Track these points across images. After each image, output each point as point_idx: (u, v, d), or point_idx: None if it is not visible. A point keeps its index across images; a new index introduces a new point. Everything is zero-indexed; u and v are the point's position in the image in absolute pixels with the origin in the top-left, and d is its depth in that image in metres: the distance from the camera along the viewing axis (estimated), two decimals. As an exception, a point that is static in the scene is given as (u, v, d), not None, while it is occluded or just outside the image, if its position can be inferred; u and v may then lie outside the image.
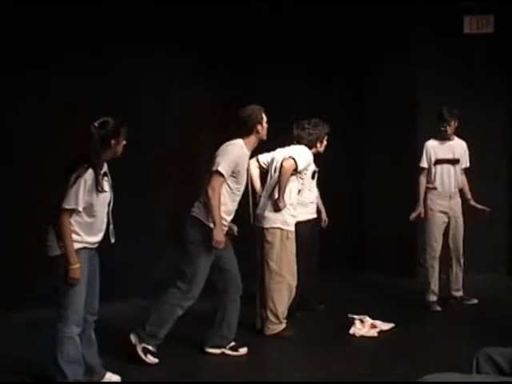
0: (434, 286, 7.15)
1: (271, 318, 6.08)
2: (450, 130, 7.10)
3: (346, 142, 9.18)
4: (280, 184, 5.99)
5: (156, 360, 5.37)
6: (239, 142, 5.51)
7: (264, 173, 6.45)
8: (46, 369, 4.83)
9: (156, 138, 7.72)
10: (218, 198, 5.28)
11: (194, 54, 8.04)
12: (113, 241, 4.68)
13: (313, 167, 6.77)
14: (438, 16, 8.48)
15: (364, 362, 5.49)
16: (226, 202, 5.41)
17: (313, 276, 6.85)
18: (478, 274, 7.78)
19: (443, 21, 8.48)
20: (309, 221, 6.74)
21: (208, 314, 5.74)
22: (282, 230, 6.05)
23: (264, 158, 6.43)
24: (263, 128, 5.57)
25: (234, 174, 5.39)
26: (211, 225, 5.32)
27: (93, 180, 4.46)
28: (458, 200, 7.22)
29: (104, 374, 4.92)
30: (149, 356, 5.36)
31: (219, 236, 5.28)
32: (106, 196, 4.62)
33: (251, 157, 6.30)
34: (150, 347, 5.37)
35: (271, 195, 6.10)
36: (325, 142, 6.57)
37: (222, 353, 5.65)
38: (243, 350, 5.68)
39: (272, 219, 6.06)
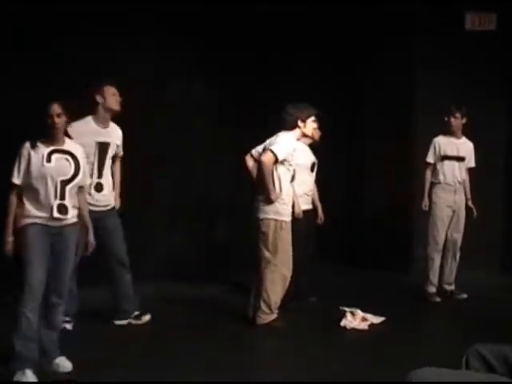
0: (433, 277, 7.35)
1: (263, 307, 6.14)
2: (454, 122, 7.27)
3: (345, 141, 9.22)
4: (264, 178, 6.05)
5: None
6: (86, 118, 5.73)
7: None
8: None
9: (155, 135, 7.76)
10: None
11: (193, 54, 8.09)
12: (56, 215, 4.70)
13: (311, 158, 6.82)
14: (439, 15, 8.50)
15: (353, 355, 5.53)
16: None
17: (307, 267, 6.87)
18: (470, 271, 7.78)
19: (445, 19, 8.51)
20: (303, 212, 6.78)
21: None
22: (275, 220, 6.10)
23: (256, 150, 6.43)
24: (105, 99, 5.75)
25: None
26: None
27: (28, 152, 4.68)
28: (462, 196, 7.42)
29: (54, 359, 4.94)
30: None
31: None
32: (51, 170, 4.69)
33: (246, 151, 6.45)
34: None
35: (264, 187, 6.12)
36: (311, 124, 6.43)
37: (129, 323, 6.07)
38: (146, 318, 6.12)
39: (265, 210, 6.11)
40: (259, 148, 6.38)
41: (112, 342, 5.66)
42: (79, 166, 4.82)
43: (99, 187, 5.75)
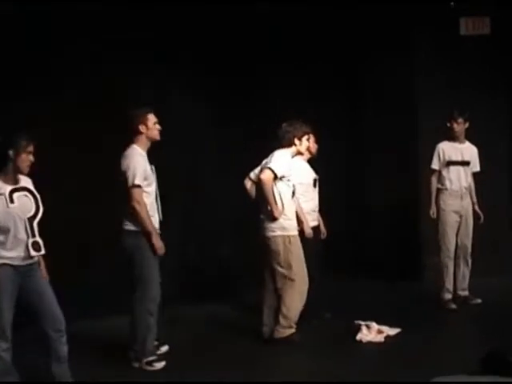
0: (449, 284, 7.35)
1: (283, 322, 6.14)
2: (457, 127, 7.30)
3: (345, 148, 9.21)
4: (266, 196, 6.10)
5: (163, 363, 5.63)
6: (133, 147, 5.68)
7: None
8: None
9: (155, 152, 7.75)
10: (146, 209, 5.52)
11: (194, 55, 8.03)
12: (33, 253, 4.68)
13: (312, 175, 6.87)
14: (435, 19, 8.48)
15: (372, 368, 5.50)
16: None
17: (317, 283, 6.83)
18: (483, 276, 7.70)
19: (440, 24, 8.49)
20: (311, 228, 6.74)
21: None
22: (283, 236, 6.15)
23: (253, 173, 6.50)
24: (149, 128, 5.70)
25: (146, 179, 5.60)
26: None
27: None
28: (469, 200, 7.43)
29: None
30: (155, 364, 5.62)
31: (158, 242, 5.54)
32: (17, 209, 4.65)
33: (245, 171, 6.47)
34: (151, 358, 5.62)
35: (266, 205, 6.17)
36: (306, 142, 6.47)
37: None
38: (164, 348, 5.96)
39: (271, 228, 6.17)
40: (256, 170, 6.45)
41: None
42: (37, 199, 4.79)
43: (159, 212, 5.77)
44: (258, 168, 6.40)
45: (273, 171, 6.09)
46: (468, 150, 7.43)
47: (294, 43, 8.47)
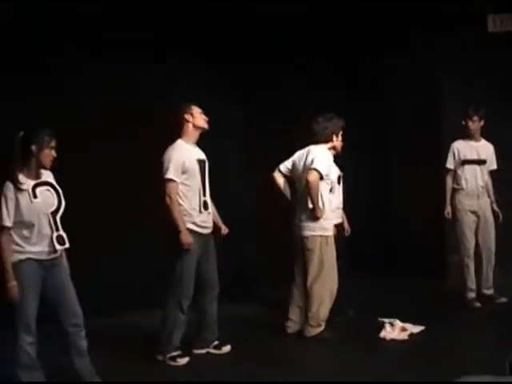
0: (471, 283, 7.31)
1: (312, 321, 6.18)
2: (472, 125, 7.25)
3: (371, 146, 9.21)
4: (312, 197, 6.10)
5: (186, 359, 5.63)
6: (177, 142, 5.71)
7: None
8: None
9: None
10: (177, 204, 5.51)
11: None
12: (58, 247, 4.73)
13: (337, 172, 6.81)
14: (461, 15, 8.46)
15: (395, 366, 5.50)
16: (188, 201, 5.61)
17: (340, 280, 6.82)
18: (508, 274, 7.76)
19: (467, 20, 8.48)
20: (335, 226, 6.72)
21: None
22: (321, 236, 6.18)
23: (284, 166, 6.48)
24: (194, 116, 5.72)
25: (184, 173, 5.58)
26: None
27: (13, 192, 4.62)
28: (487, 199, 7.41)
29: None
30: (178, 360, 5.61)
31: (186, 238, 5.48)
32: (41, 204, 4.68)
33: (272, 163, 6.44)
34: (175, 353, 5.59)
35: (305, 204, 6.17)
36: (340, 138, 6.50)
37: (207, 352, 5.87)
38: (226, 348, 5.90)
39: (311, 227, 6.18)
40: (288, 164, 6.44)
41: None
42: (59, 193, 4.83)
43: (206, 205, 5.70)
44: (289, 162, 6.40)
45: (319, 172, 6.10)
46: (484, 148, 7.39)
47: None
